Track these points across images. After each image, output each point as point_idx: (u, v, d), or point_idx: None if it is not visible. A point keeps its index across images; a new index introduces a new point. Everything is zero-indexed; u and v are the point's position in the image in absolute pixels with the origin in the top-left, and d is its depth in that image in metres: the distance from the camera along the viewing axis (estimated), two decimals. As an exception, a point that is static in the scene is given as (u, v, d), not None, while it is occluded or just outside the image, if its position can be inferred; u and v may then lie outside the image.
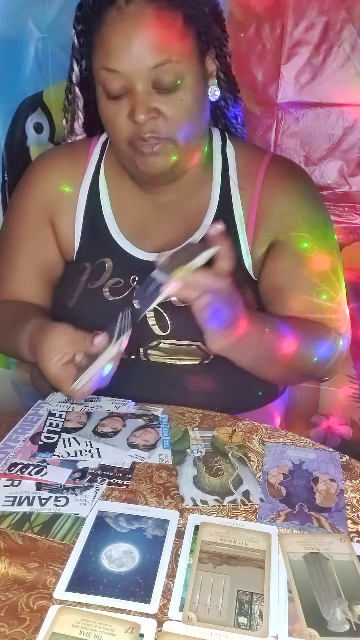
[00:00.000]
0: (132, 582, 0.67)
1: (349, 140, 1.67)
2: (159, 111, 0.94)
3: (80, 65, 1.04)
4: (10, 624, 0.62)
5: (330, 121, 1.66)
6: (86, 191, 1.11)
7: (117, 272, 1.07)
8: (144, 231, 1.10)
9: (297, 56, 1.62)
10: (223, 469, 0.85)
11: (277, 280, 1.06)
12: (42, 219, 1.13)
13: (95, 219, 1.11)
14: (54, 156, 1.17)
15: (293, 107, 1.67)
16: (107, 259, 1.08)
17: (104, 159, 1.13)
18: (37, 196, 1.13)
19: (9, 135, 1.57)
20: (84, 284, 1.07)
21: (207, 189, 1.08)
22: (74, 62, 1.05)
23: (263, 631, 0.62)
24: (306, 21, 1.59)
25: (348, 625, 0.63)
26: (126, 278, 1.06)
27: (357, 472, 0.86)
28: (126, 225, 1.10)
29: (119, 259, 1.08)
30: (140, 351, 1.05)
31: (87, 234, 1.11)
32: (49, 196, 1.12)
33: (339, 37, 1.58)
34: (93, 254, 1.09)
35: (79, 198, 1.11)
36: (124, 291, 1.05)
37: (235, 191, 1.07)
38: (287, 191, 1.07)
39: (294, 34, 1.60)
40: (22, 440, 0.90)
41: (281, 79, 1.64)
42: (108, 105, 0.96)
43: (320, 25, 1.59)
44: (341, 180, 1.70)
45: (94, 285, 1.06)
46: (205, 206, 1.08)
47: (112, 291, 1.05)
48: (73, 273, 1.10)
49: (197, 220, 1.07)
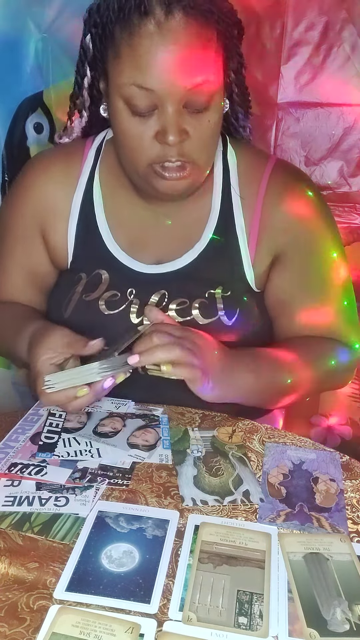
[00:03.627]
0: (132, 582, 0.67)
1: (349, 140, 1.67)
2: (187, 133, 0.89)
3: (95, 72, 0.97)
4: (10, 624, 0.62)
5: (330, 121, 1.66)
6: (80, 199, 1.07)
7: (113, 284, 1.03)
8: (142, 242, 1.06)
9: (297, 56, 1.62)
10: (223, 469, 0.85)
11: (284, 295, 1.04)
12: (32, 229, 1.09)
13: (90, 229, 1.07)
14: (47, 160, 1.11)
15: (293, 107, 1.67)
16: (103, 270, 1.04)
17: (99, 163, 1.08)
18: (27, 205, 1.09)
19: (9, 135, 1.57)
20: (80, 295, 1.03)
21: (208, 197, 1.04)
22: (87, 67, 0.97)
23: (263, 631, 0.62)
24: (306, 21, 1.59)
25: (348, 625, 0.63)
26: (123, 291, 1.02)
27: (357, 472, 0.86)
28: (122, 236, 1.06)
29: (116, 271, 1.04)
30: (138, 368, 1.02)
31: (81, 244, 1.07)
32: (39, 205, 1.08)
33: (339, 37, 1.58)
34: (88, 265, 1.06)
35: (72, 206, 1.07)
36: (121, 304, 1.01)
37: (237, 200, 1.04)
38: (292, 201, 1.03)
39: (294, 34, 1.60)
40: (22, 440, 0.90)
41: (281, 79, 1.64)
42: (131, 122, 0.90)
43: (320, 25, 1.59)
44: (341, 180, 1.70)
45: (90, 297, 1.03)
46: (205, 216, 1.04)
47: (108, 304, 1.02)
48: (68, 282, 1.06)
49: (197, 231, 1.04)
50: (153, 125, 0.89)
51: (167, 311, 0.99)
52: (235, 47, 0.95)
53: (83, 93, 1.01)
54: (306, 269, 1.04)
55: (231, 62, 0.96)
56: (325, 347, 1.04)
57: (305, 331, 1.04)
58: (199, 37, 0.85)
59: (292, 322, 1.04)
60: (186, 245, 1.04)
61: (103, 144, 1.09)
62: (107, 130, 1.09)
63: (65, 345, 0.90)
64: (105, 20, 0.88)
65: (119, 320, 1.00)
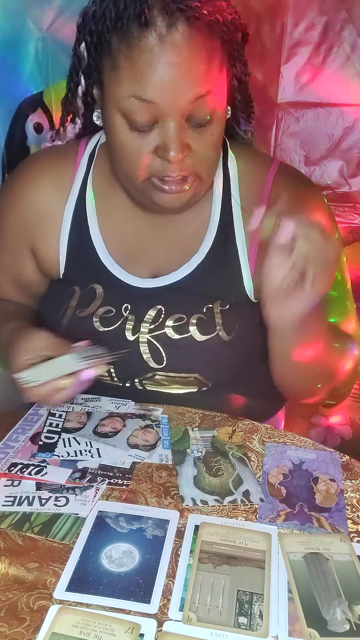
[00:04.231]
0: (132, 582, 0.67)
1: (349, 140, 1.68)
2: (190, 148, 0.85)
3: (90, 81, 0.92)
4: (10, 624, 0.62)
5: (330, 121, 1.66)
6: (72, 208, 1.02)
7: (107, 299, 0.99)
8: (137, 253, 1.01)
9: (297, 56, 1.63)
10: (223, 469, 0.85)
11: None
12: (20, 241, 1.05)
13: (82, 240, 1.02)
14: (39, 166, 1.05)
15: (293, 107, 1.67)
16: (97, 285, 1.00)
17: (93, 169, 1.03)
18: (16, 213, 1.05)
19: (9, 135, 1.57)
20: (73, 311, 0.99)
21: (207, 207, 1.00)
22: (81, 75, 0.92)
23: (263, 631, 0.62)
24: (306, 21, 1.59)
25: (348, 625, 0.63)
26: (118, 307, 0.98)
27: (357, 472, 0.86)
28: (117, 247, 1.02)
29: (110, 285, 1.00)
30: (135, 381, 1.00)
31: (73, 255, 1.03)
32: (29, 215, 1.04)
33: (339, 37, 1.58)
34: (81, 278, 1.01)
35: (64, 215, 1.02)
36: (116, 321, 0.98)
37: (237, 211, 0.99)
38: (297, 208, 0.94)
39: (294, 34, 1.61)
40: (22, 440, 0.90)
41: (281, 79, 1.64)
42: (129, 136, 0.85)
43: (320, 25, 1.59)
44: (341, 180, 1.70)
45: (84, 313, 0.99)
46: (204, 226, 1.00)
47: (102, 321, 0.98)
48: (61, 295, 1.02)
49: (195, 242, 1.00)
50: (153, 140, 0.85)
51: (163, 328, 0.97)
52: (239, 55, 0.91)
53: (77, 101, 0.96)
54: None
55: (235, 70, 0.91)
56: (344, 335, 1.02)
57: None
58: (203, 49, 0.81)
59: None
60: (183, 258, 1.00)
61: (97, 149, 1.04)
62: (100, 134, 1.05)
63: (47, 347, 0.88)
64: (101, 28, 0.83)
65: (114, 337, 0.97)
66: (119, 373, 1.00)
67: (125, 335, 0.98)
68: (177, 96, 0.81)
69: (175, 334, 0.96)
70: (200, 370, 0.98)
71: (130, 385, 1.01)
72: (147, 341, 0.97)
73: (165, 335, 0.96)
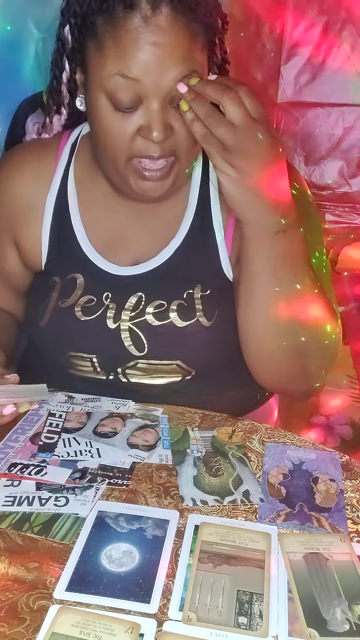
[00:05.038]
0: (132, 582, 0.67)
1: (349, 140, 1.68)
2: (172, 129, 0.87)
3: (73, 65, 0.93)
4: (10, 624, 0.62)
5: (330, 121, 1.66)
6: (54, 198, 1.03)
7: (88, 289, 1.00)
8: (118, 241, 1.03)
9: (297, 56, 1.63)
10: (223, 469, 0.85)
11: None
12: (1, 231, 1.07)
13: (64, 229, 1.03)
14: (20, 157, 1.07)
15: (293, 107, 1.67)
16: (78, 274, 1.01)
17: (75, 159, 1.04)
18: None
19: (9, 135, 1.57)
20: (55, 302, 1.00)
21: (185, 193, 1.01)
22: (65, 60, 0.93)
23: (263, 631, 0.62)
24: (306, 21, 1.59)
25: (348, 625, 0.63)
26: (99, 296, 0.99)
27: (357, 472, 0.86)
28: (98, 236, 1.03)
29: (90, 274, 1.01)
30: (118, 371, 1.01)
31: (55, 245, 1.04)
32: (11, 205, 1.05)
33: (339, 37, 1.58)
34: (62, 268, 1.02)
35: (45, 206, 1.03)
36: (97, 310, 0.98)
37: (215, 194, 1.01)
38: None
39: (294, 34, 1.61)
40: (22, 440, 0.90)
41: (281, 79, 1.65)
42: (113, 117, 0.86)
43: (320, 25, 1.59)
44: (341, 180, 1.70)
45: (65, 303, 0.99)
46: (182, 212, 1.02)
47: (84, 310, 0.98)
48: (43, 287, 1.03)
49: (174, 228, 1.01)
50: (136, 120, 0.86)
51: (144, 315, 0.97)
52: (220, 42, 0.93)
53: (62, 88, 0.96)
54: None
55: (215, 57, 0.93)
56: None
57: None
58: (186, 32, 0.83)
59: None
60: (162, 244, 1.01)
61: (78, 140, 1.06)
62: (83, 125, 1.06)
63: None
64: (86, 10, 0.84)
65: (95, 326, 0.98)
66: (102, 363, 1.01)
67: (106, 323, 0.99)
68: (161, 74, 0.82)
69: (155, 320, 0.97)
70: (181, 356, 0.99)
71: (114, 377, 1.01)
72: (128, 329, 0.98)
73: (146, 322, 0.97)
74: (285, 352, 0.92)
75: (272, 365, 0.95)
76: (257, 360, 0.96)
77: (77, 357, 1.01)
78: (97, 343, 0.99)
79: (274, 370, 0.96)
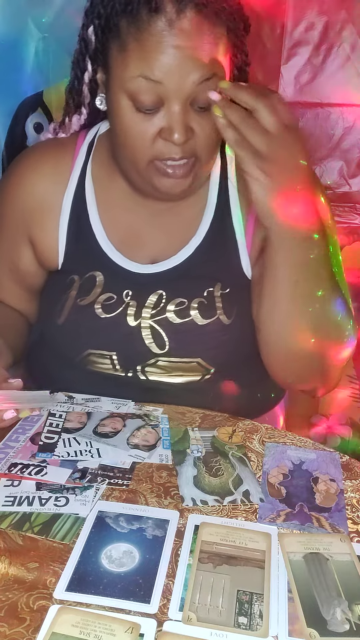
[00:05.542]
0: (132, 582, 0.67)
1: (349, 140, 1.68)
2: (193, 131, 0.88)
3: (95, 65, 0.94)
4: (10, 624, 0.62)
5: (330, 121, 1.67)
6: (71, 196, 1.04)
7: (108, 286, 1.00)
8: (137, 239, 1.03)
9: (297, 56, 1.63)
10: (223, 469, 0.85)
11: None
12: (17, 229, 1.07)
13: (82, 227, 1.03)
14: (37, 156, 1.08)
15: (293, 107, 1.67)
16: (97, 272, 1.01)
17: (92, 158, 1.05)
18: (14, 203, 1.06)
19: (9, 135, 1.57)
20: (74, 300, 1.00)
21: (205, 191, 1.03)
22: (88, 60, 0.94)
23: (263, 631, 0.62)
24: (306, 21, 1.59)
25: (348, 625, 0.63)
26: (119, 293, 1.00)
27: (357, 472, 0.86)
28: (116, 234, 1.03)
29: (110, 272, 1.01)
30: (137, 369, 1.01)
31: (72, 243, 1.04)
32: (28, 204, 1.05)
33: (339, 37, 1.59)
34: (81, 266, 1.03)
35: (63, 204, 1.04)
36: (117, 307, 0.99)
37: (234, 194, 1.02)
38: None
39: (294, 34, 1.61)
40: (22, 440, 0.90)
41: (281, 79, 1.65)
42: (134, 118, 0.87)
43: (320, 25, 1.59)
44: (341, 180, 1.70)
45: (84, 301, 1.00)
46: (201, 210, 1.03)
47: (104, 308, 0.99)
48: (60, 285, 1.03)
49: (193, 226, 1.02)
50: (157, 122, 0.87)
51: (165, 313, 0.99)
52: (241, 44, 0.93)
53: (83, 89, 0.98)
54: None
55: (236, 59, 0.93)
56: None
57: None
58: (209, 35, 0.83)
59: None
60: (182, 242, 1.02)
61: (95, 139, 1.06)
62: (100, 124, 1.07)
63: None
64: (110, 11, 0.85)
65: (116, 323, 0.99)
66: (122, 360, 1.01)
67: (127, 320, 0.99)
68: (183, 77, 0.83)
69: (176, 318, 0.98)
70: (202, 354, 0.99)
71: (133, 374, 1.02)
72: (149, 326, 0.98)
73: (167, 320, 0.98)
74: (304, 350, 0.93)
75: (291, 362, 0.97)
76: (276, 356, 0.97)
77: (96, 355, 1.01)
78: (117, 340, 1.00)
79: (292, 367, 0.98)
